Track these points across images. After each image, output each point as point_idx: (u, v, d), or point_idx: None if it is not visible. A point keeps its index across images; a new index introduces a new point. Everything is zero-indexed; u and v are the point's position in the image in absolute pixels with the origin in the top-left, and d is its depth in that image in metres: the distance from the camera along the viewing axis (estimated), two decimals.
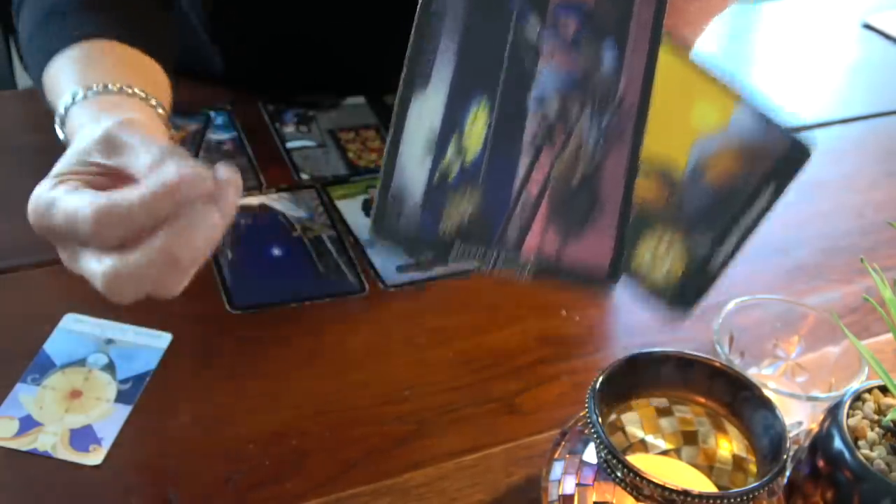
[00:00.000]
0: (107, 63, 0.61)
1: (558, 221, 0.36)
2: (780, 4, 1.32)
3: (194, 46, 0.90)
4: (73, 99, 0.55)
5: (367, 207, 0.78)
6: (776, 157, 0.37)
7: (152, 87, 0.59)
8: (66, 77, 0.59)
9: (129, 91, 0.56)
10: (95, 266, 0.43)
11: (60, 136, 0.57)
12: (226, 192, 0.41)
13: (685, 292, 0.38)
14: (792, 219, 0.83)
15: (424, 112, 0.34)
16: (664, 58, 0.35)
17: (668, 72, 0.35)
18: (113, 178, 0.46)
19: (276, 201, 0.78)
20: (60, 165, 0.48)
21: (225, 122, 0.87)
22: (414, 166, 0.35)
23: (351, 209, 0.77)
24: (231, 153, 0.83)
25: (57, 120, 0.56)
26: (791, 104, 1.03)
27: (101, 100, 0.55)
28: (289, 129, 0.88)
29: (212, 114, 0.88)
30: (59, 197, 0.44)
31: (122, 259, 0.42)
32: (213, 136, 0.85)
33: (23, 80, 1.12)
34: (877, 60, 1.17)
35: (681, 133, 0.37)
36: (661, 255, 0.37)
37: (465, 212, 0.36)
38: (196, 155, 0.82)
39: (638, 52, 0.35)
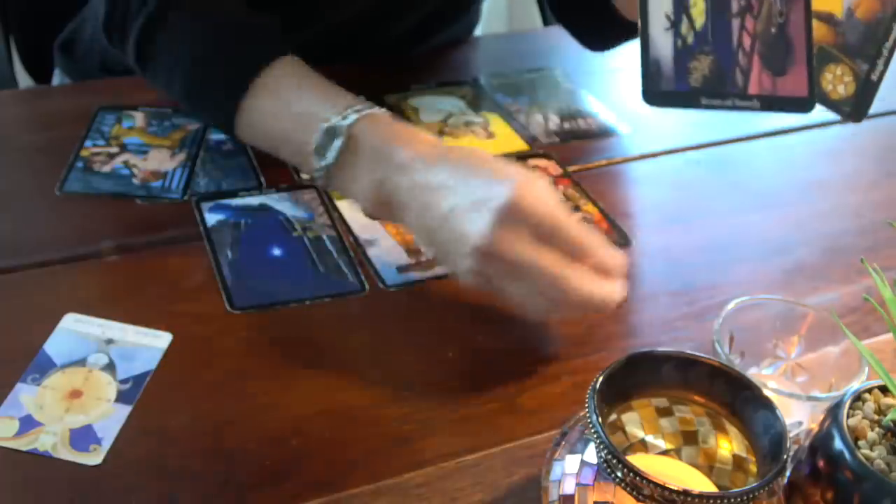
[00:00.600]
0: (323, 82, 0.70)
1: (768, 65, 0.48)
2: None
3: None
4: (356, 115, 0.65)
5: None
6: None
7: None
8: (308, 92, 0.69)
9: (374, 108, 0.67)
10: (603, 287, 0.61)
11: (332, 157, 0.65)
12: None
13: (859, 103, 0.52)
14: (792, 219, 0.83)
15: (660, 0, 0.47)
16: None
17: None
18: None
19: (276, 201, 0.78)
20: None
21: None
22: (661, 40, 0.47)
23: (351, 209, 0.77)
24: (231, 153, 0.83)
25: (321, 127, 0.65)
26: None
27: (378, 121, 0.65)
28: None
29: None
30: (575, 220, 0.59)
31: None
32: (213, 136, 0.85)
33: (23, 80, 1.12)
34: None
35: None
36: (837, 78, 0.51)
37: (704, 68, 0.48)
38: (196, 155, 0.82)
39: None
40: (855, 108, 0.52)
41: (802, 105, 0.48)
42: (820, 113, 1.04)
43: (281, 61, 0.71)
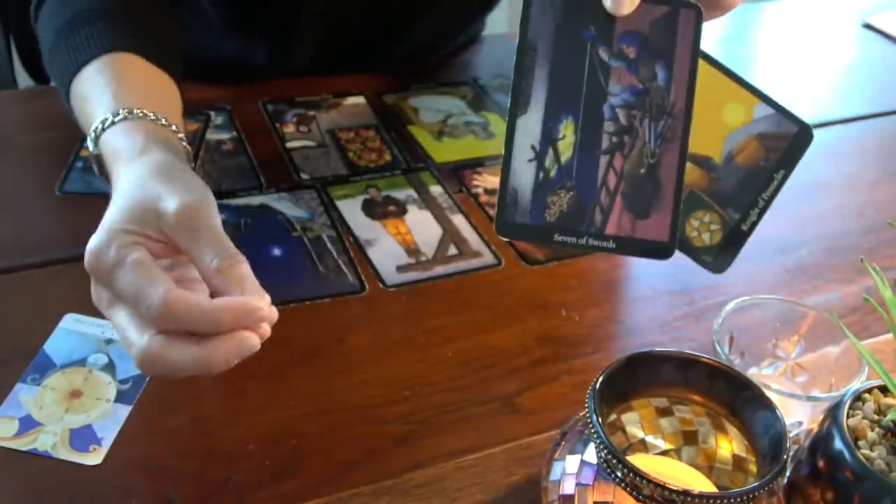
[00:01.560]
0: (136, 83, 0.65)
1: (630, 206, 0.46)
2: (780, 4, 1.32)
3: (206, 33, 0.91)
4: (111, 119, 0.59)
5: (366, 207, 0.78)
6: (787, 143, 0.48)
7: (173, 111, 0.65)
8: (98, 93, 0.63)
9: (159, 121, 0.60)
10: (136, 337, 0.47)
11: (91, 148, 0.61)
12: (270, 319, 0.49)
13: (723, 254, 0.49)
14: (792, 219, 0.83)
15: (527, 128, 0.45)
16: (701, 68, 0.46)
17: (704, 79, 0.46)
18: (168, 247, 0.50)
19: (276, 201, 0.78)
20: (122, 219, 0.50)
21: (225, 122, 0.87)
22: (523, 170, 0.45)
23: (351, 209, 0.77)
24: (231, 153, 0.83)
25: (91, 135, 0.60)
26: (791, 104, 1.03)
27: (135, 126, 0.59)
28: (289, 129, 0.88)
29: (212, 114, 0.88)
30: (132, 262, 0.47)
31: (162, 346, 0.46)
32: (213, 136, 0.85)
33: (23, 80, 1.12)
34: (877, 60, 1.17)
35: (716, 128, 0.48)
36: (704, 225, 0.49)
37: (563, 203, 0.45)
38: (196, 155, 0.82)
39: (682, 66, 0.46)
40: (717, 259, 0.49)
41: (661, 251, 0.45)
42: (820, 113, 1.05)
43: (94, 64, 0.66)
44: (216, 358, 0.47)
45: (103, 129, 0.60)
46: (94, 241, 0.49)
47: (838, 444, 0.46)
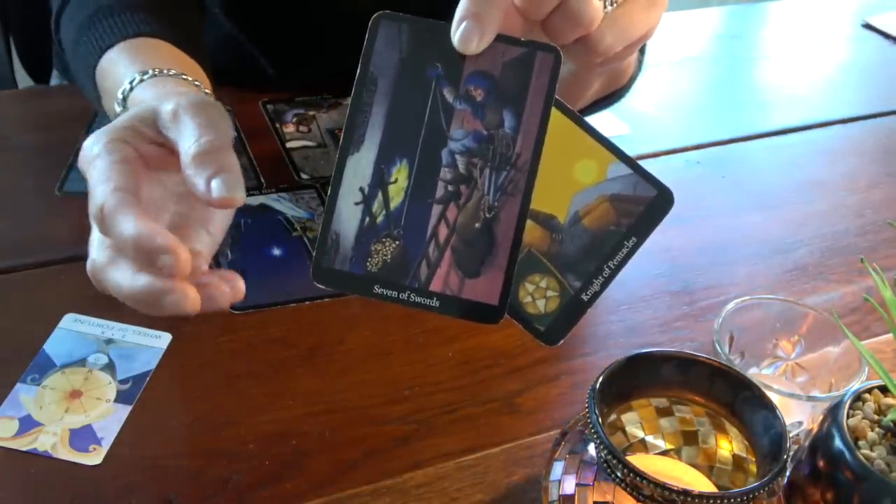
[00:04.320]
0: (163, 56, 0.63)
1: (460, 263, 0.42)
2: (780, 4, 1.32)
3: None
4: (141, 78, 0.57)
5: None
6: (642, 207, 0.43)
7: (204, 85, 0.61)
8: (125, 64, 0.61)
9: (188, 78, 0.58)
10: (93, 248, 0.45)
11: (118, 110, 0.58)
12: (179, 269, 0.43)
13: (558, 324, 0.44)
14: (792, 219, 0.83)
15: (358, 169, 0.42)
16: (554, 119, 0.42)
17: (556, 131, 0.42)
18: (164, 152, 0.48)
19: (276, 201, 0.78)
20: (123, 118, 0.48)
21: None
22: (348, 213, 0.42)
23: None
24: None
25: (118, 97, 0.58)
26: (791, 104, 1.04)
27: (166, 81, 0.57)
28: (289, 128, 0.88)
29: None
30: (103, 157, 0.45)
31: (106, 263, 0.44)
32: None
33: (23, 80, 1.12)
34: (877, 60, 1.17)
35: (564, 185, 0.43)
36: (540, 291, 0.44)
37: (387, 253, 0.42)
38: None
39: (533, 114, 0.42)
40: (550, 329, 0.44)
41: (488, 314, 0.41)
42: (819, 113, 1.05)
43: (118, 46, 0.65)
44: (144, 295, 0.43)
45: (131, 89, 0.57)
46: (90, 136, 0.48)
47: (838, 444, 0.46)
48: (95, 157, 0.46)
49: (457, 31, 0.41)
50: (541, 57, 0.41)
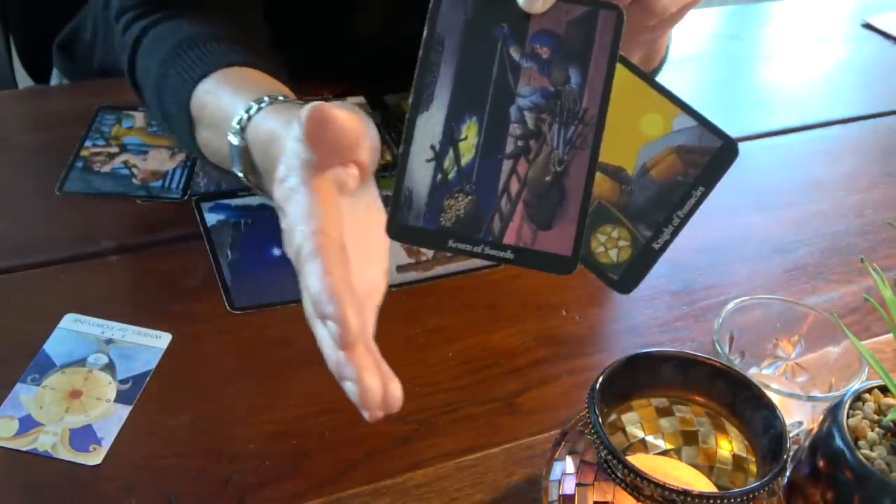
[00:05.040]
0: (264, 83, 0.63)
1: (532, 216, 0.43)
2: (780, 4, 1.32)
3: None
4: (258, 106, 0.57)
5: None
6: (708, 158, 0.44)
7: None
8: (228, 94, 0.61)
9: (300, 103, 0.58)
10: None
11: (236, 142, 0.58)
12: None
13: (631, 273, 0.45)
14: (792, 219, 0.83)
15: (428, 127, 0.43)
16: (619, 74, 0.43)
17: (622, 86, 0.43)
18: None
19: None
20: (301, 149, 0.47)
21: None
22: (420, 170, 0.43)
23: None
24: None
25: (234, 127, 0.58)
26: (791, 104, 1.04)
27: (285, 107, 0.57)
28: None
29: None
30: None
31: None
32: None
33: (23, 80, 1.12)
34: (877, 60, 1.17)
35: (631, 138, 0.44)
36: (611, 241, 0.45)
37: (460, 208, 0.43)
38: (196, 158, 0.81)
39: (598, 70, 0.43)
40: (623, 278, 0.44)
41: (563, 265, 0.42)
42: (820, 113, 1.05)
43: (213, 76, 0.65)
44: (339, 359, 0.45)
45: (249, 118, 0.57)
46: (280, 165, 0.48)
47: (838, 444, 0.46)
48: (293, 191, 0.46)
49: None
50: (604, 15, 0.42)
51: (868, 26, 1.23)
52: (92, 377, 0.60)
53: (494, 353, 0.65)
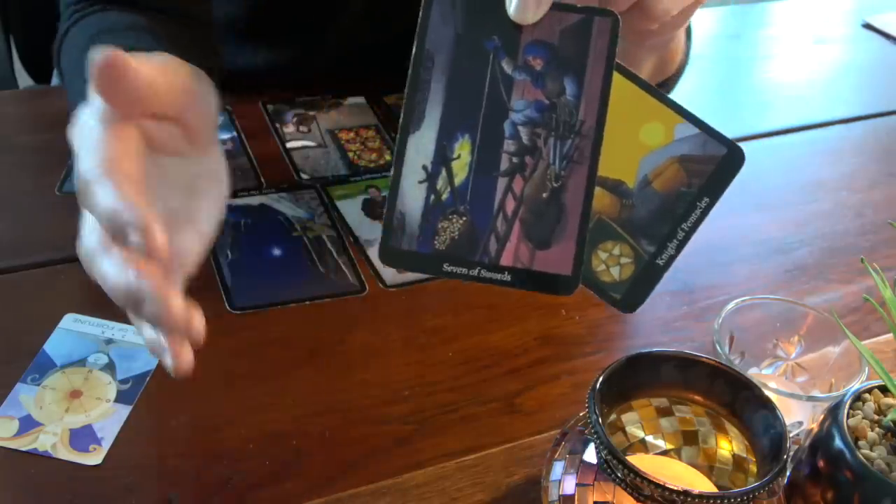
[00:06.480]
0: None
1: (530, 235, 0.41)
2: (780, 4, 1.32)
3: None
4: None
5: (366, 207, 0.78)
6: (713, 166, 0.43)
7: None
8: None
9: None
10: (85, 230, 0.43)
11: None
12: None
13: (634, 291, 0.43)
14: (792, 219, 0.83)
15: (420, 147, 0.41)
16: (616, 83, 0.41)
17: (619, 95, 0.41)
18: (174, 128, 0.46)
19: (276, 201, 0.78)
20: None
21: (225, 122, 0.87)
22: (413, 192, 0.41)
23: (351, 209, 0.77)
24: (231, 153, 0.83)
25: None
26: (791, 104, 1.04)
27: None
28: (289, 129, 0.88)
29: None
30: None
31: (96, 250, 0.42)
32: None
33: (23, 80, 1.12)
34: (877, 60, 1.17)
35: (631, 149, 0.42)
36: (613, 258, 0.43)
37: (454, 229, 0.41)
38: None
39: (594, 80, 0.41)
40: (627, 296, 0.43)
41: (563, 285, 0.41)
42: (820, 113, 1.05)
43: None
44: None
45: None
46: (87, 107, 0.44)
47: (838, 444, 0.46)
48: (86, 126, 0.44)
49: (512, 2, 0.40)
50: (598, 22, 0.41)
51: (868, 26, 1.23)
52: (92, 377, 0.60)
53: (494, 353, 0.65)
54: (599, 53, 0.41)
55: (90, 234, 0.43)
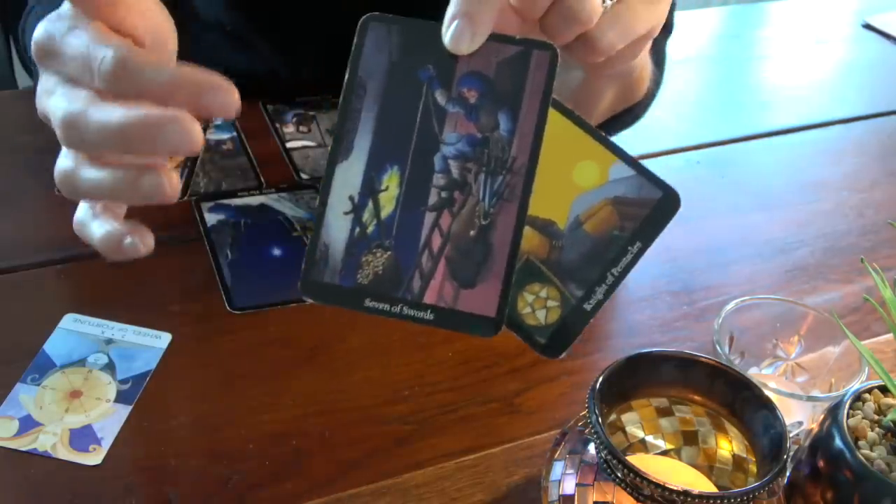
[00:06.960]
0: None
1: (455, 273, 0.40)
2: (780, 4, 1.32)
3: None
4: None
5: None
6: (647, 210, 0.41)
7: None
8: None
9: None
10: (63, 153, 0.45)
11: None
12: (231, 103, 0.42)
13: (560, 336, 0.41)
14: (792, 219, 0.83)
15: (347, 178, 0.40)
16: (552, 120, 0.40)
17: (554, 132, 0.40)
18: None
19: (276, 201, 0.78)
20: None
21: (225, 122, 0.87)
22: (338, 224, 0.40)
23: None
24: (231, 153, 0.83)
25: None
26: (791, 104, 1.04)
27: None
28: (289, 129, 0.88)
29: None
30: (88, 25, 0.42)
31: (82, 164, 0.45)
32: (213, 136, 0.85)
33: (23, 79, 1.12)
34: (876, 60, 1.17)
35: (564, 188, 0.41)
36: (539, 301, 0.41)
37: (378, 264, 0.40)
38: (196, 157, 0.82)
39: (529, 115, 0.40)
40: (551, 341, 0.41)
41: (486, 326, 0.39)
42: (820, 113, 1.05)
43: None
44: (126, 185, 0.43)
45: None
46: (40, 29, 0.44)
47: (838, 444, 0.46)
48: (76, 27, 0.42)
49: (448, 31, 0.39)
50: (537, 55, 0.40)
51: (868, 26, 1.23)
52: (92, 377, 0.60)
53: (494, 353, 0.65)
54: (536, 87, 0.40)
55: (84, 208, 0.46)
